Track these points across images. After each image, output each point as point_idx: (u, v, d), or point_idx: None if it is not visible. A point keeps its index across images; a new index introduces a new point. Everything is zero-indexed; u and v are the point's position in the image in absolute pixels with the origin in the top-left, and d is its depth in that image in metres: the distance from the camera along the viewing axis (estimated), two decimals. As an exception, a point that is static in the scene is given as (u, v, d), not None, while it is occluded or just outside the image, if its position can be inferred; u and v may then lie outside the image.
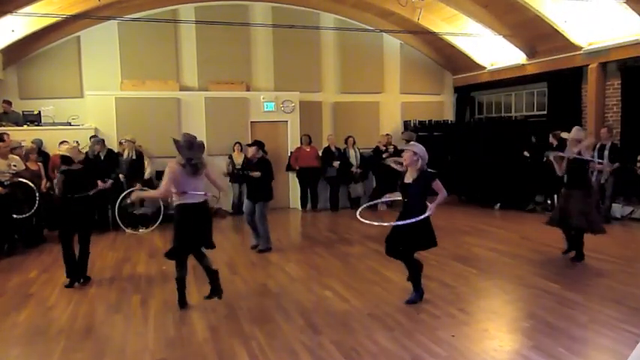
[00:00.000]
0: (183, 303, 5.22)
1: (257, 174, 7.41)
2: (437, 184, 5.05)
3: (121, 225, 8.95)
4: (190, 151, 5.08)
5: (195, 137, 5.22)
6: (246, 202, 7.77)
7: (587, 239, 6.76)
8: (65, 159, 6.03)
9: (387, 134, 12.30)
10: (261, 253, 7.54)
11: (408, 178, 5.11)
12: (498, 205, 11.24)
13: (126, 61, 11.47)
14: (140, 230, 9.07)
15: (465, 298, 5.44)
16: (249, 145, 7.73)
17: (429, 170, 5.11)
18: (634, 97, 9.37)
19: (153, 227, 9.13)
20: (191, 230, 5.10)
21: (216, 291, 5.28)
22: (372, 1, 11.50)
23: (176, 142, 5.13)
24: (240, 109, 11.56)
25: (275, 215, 9.61)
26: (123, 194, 8.65)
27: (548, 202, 10.66)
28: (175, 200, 5.17)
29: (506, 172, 10.97)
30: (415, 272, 5.23)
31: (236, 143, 11.16)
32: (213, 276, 5.29)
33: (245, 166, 8.02)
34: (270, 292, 5.75)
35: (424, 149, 5.10)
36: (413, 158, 5.02)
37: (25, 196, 7.98)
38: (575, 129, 6.81)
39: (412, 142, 5.52)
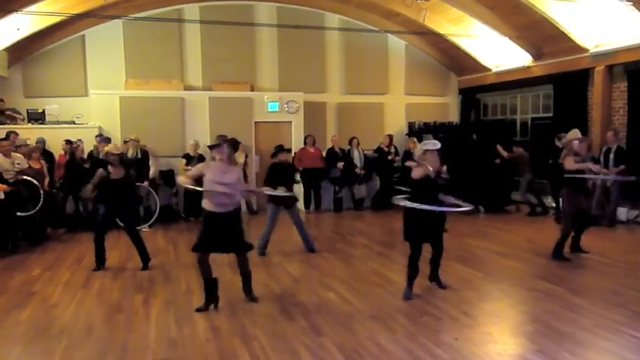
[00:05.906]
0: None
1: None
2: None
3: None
4: None
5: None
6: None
7: (592, 243, 6.69)
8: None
9: (389, 135, 12.25)
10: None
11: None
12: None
13: (130, 60, 11.48)
14: (143, 229, 9.04)
15: (468, 301, 5.41)
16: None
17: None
18: (641, 100, 9.31)
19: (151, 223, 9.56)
20: None
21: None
22: (377, 1, 11.46)
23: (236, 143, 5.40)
24: (244, 109, 11.55)
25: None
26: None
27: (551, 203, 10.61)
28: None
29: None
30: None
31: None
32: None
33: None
34: (272, 293, 5.72)
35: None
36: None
37: (29, 193, 8.01)
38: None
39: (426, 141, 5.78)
